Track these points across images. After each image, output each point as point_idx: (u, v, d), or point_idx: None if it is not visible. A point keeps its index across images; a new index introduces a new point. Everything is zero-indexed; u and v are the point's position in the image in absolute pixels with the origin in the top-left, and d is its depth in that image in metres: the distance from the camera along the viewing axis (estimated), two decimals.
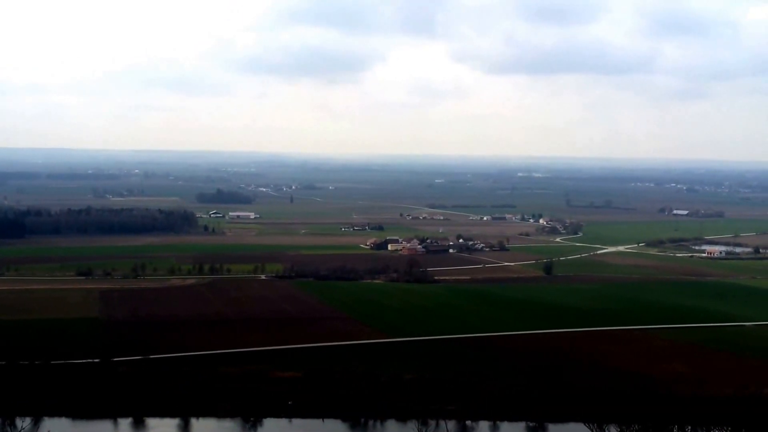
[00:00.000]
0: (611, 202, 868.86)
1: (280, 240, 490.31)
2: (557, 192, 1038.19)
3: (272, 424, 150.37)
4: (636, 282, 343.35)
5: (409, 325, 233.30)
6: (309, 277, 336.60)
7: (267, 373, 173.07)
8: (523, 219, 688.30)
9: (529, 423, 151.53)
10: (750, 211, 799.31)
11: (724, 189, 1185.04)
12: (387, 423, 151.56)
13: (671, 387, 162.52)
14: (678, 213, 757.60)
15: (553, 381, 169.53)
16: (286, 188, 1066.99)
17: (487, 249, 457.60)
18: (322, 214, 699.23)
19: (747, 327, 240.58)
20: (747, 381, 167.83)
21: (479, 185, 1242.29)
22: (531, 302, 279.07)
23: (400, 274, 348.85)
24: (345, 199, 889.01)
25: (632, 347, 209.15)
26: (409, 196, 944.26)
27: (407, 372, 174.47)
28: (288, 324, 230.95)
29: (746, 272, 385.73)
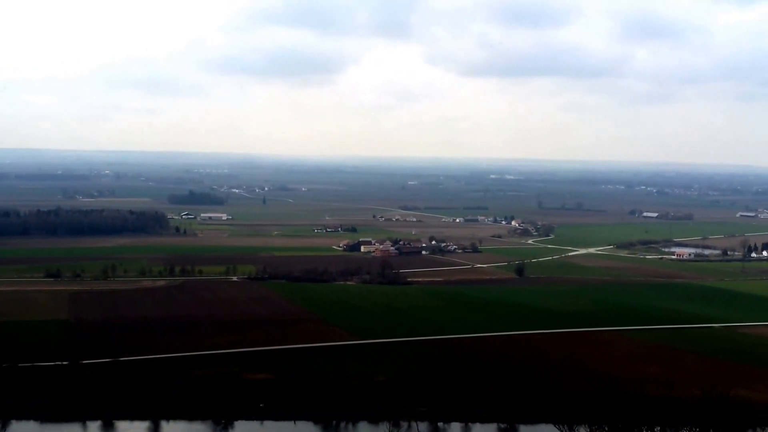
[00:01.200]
0: (582, 204, 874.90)
1: (253, 241, 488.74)
2: (529, 194, 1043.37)
3: (244, 427, 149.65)
4: (607, 284, 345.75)
5: (381, 326, 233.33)
6: (281, 279, 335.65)
7: (238, 376, 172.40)
8: (495, 221, 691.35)
9: (501, 424, 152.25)
10: (718, 213, 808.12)
11: (694, 192, 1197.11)
12: (359, 425, 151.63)
13: (641, 388, 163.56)
14: (648, 215, 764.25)
15: (525, 382, 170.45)
16: (258, 189, 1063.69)
17: (460, 251, 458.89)
18: (295, 216, 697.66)
19: (715, 328, 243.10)
20: (715, 382, 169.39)
21: (452, 187, 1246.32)
22: (503, 304, 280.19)
23: (373, 275, 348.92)
24: (318, 201, 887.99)
25: (603, 349, 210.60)
26: (382, 197, 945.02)
27: (379, 374, 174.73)
28: (260, 326, 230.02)
29: (714, 274, 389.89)
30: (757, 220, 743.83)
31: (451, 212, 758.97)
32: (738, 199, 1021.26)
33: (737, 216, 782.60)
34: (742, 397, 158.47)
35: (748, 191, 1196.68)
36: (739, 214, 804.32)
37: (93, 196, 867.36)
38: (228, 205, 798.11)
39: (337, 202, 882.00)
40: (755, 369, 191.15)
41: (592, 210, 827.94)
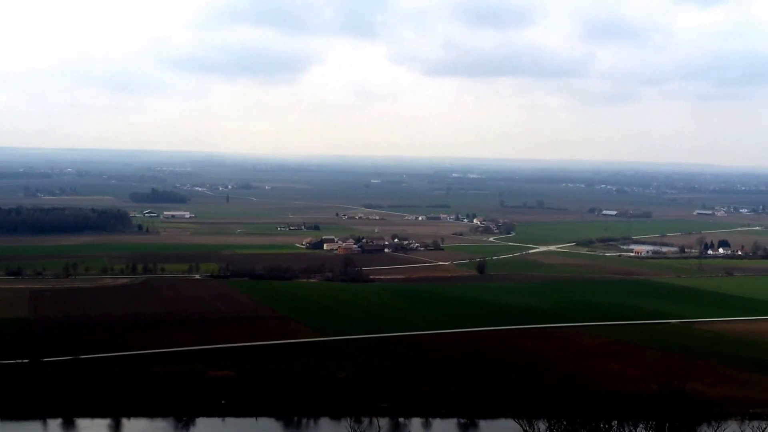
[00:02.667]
0: (543, 202, 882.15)
1: (216, 239, 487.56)
2: (491, 192, 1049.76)
3: (205, 424, 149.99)
4: (566, 280, 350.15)
5: (343, 323, 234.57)
6: (244, 277, 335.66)
7: (200, 373, 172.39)
8: (457, 219, 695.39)
9: (461, 419, 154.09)
10: (676, 211, 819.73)
11: (652, 190, 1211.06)
12: (320, 421, 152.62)
13: (600, 383, 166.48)
14: (607, 213, 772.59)
15: (485, 378, 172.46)
16: (222, 188, 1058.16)
17: (422, 248, 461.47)
18: (258, 214, 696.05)
19: (672, 324, 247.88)
20: (671, 376, 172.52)
21: (415, 185, 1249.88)
22: (464, 301, 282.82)
23: (336, 273, 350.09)
24: (281, 199, 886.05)
25: (562, 344, 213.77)
26: (346, 196, 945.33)
27: (341, 371, 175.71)
28: (222, 323, 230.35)
29: (672, 271, 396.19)
30: (713, 218, 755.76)
31: (414, 210, 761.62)
32: (695, 197, 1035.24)
33: (694, 214, 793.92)
34: (697, 391, 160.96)
35: (705, 190, 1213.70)
36: (696, 212, 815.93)
37: (55, 195, 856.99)
38: (191, 204, 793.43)
39: (300, 200, 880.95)
40: (710, 364, 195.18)
41: (553, 208, 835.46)
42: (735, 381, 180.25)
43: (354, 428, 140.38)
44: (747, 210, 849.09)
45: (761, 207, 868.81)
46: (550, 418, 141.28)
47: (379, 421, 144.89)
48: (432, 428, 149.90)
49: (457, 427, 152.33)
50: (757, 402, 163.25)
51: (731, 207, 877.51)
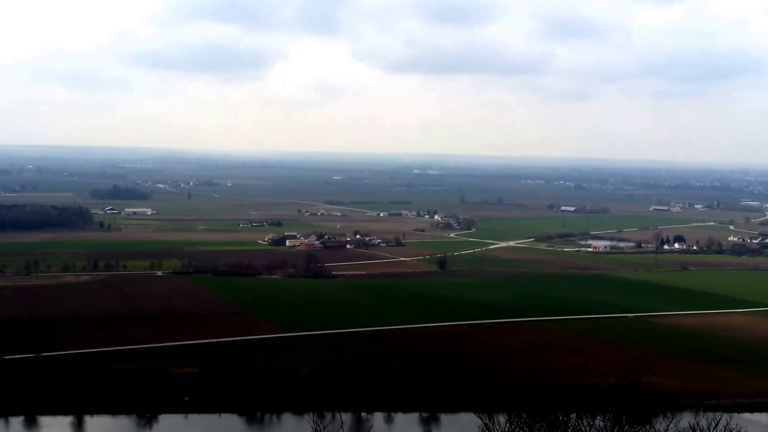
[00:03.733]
0: (503, 198, 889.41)
1: (178, 236, 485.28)
2: (452, 189, 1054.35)
3: (168, 420, 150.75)
4: (526, 276, 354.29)
5: (305, 319, 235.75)
6: (206, 273, 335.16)
7: (163, 370, 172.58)
8: (418, 215, 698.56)
9: (423, 414, 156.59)
10: (633, 207, 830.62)
11: (609, 186, 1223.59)
12: (283, 416, 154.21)
13: (559, 376, 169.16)
14: (566, 209, 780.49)
15: (446, 372, 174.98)
16: (184, 184, 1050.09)
17: (384, 244, 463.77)
18: (221, 211, 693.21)
19: (629, 318, 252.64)
20: (628, 369, 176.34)
21: (376, 182, 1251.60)
22: (425, 296, 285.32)
23: (298, 269, 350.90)
24: (243, 196, 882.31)
25: (522, 339, 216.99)
26: (308, 192, 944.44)
27: (304, 366, 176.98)
28: (185, 320, 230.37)
29: (629, 266, 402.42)
30: (669, 214, 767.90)
31: (376, 207, 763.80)
32: (651, 193, 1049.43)
33: (651, 210, 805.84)
34: (653, 384, 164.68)
35: (661, 186, 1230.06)
36: (652, 207, 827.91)
37: (15, 191, 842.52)
38: (153, 200, 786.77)
39: (262, 196, 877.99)
40: (666, 357, 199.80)
41: (513, 204, 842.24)
42: (690, 373, 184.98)
43: (317, 423, 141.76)
44: (702, 206, 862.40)
45: (715, 203, 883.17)
46: (510, 411, 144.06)
47: (341, 416, 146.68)
48: (394, 422, 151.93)
49: (419, 421, 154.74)
50: (711, 394, 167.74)
51: (686, 203, 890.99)
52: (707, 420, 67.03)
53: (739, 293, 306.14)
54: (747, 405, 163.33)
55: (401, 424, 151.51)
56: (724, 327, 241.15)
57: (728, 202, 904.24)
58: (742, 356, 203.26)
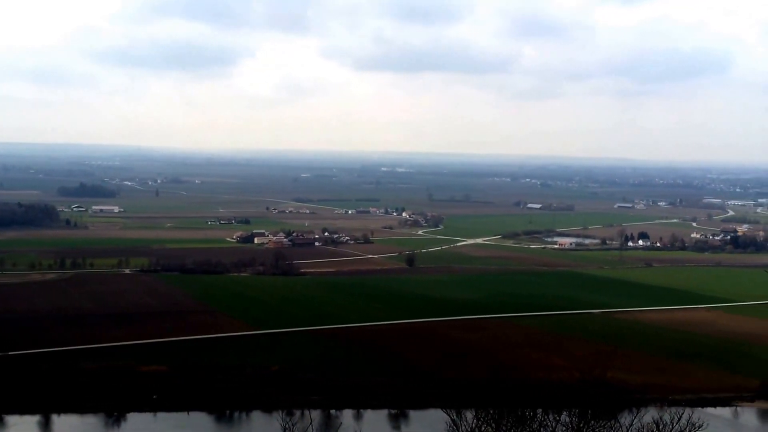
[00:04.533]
0: (470, 196, 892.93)
1: (145, 234, 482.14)
2: (420, 186, 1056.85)
3: (137, 419, 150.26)
4: (493, 272, 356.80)
5: (274, 317, 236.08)
6: (174, 271, 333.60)
7: (131, 368, 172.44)
8: (386, 212, 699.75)
9: (391, 410, 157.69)
10: (597, 204, 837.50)
11: (575, 184, 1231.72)
12: (252, 414, 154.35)
13: (526, 372, 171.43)
14: (532, 206, 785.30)
15: (415, 369, 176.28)
16: (151, 182, 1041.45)
17: (352, 242, 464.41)
18: (188, 208, 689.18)
19: (594, 314, 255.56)
20: (593, 365, 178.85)
21: (345, 179, 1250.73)
22: (394, 293, 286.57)
23: (267, 267, 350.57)
24: (211, 193, 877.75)
25: (489, 335, 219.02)
26: (276, 190, 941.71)
27: (273, 364, 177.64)
28: (153, 318, 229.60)
29: (594, 262, 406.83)
30: (633, 211, 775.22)
31: (344, 204, 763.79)
32: (616, 190, 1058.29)
33: (615, 207, 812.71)
34: (618, 379, 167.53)
35: (625, 183, 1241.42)
36: (616, 205, 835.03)
37: None
38: (120, 198, 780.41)
39: (230, 194, 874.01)
40: (630, 352, 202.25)
41: (480, 201, 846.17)
42: (654, 368, 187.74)
43: (285, 421, 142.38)
44: (665, 203, 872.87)
45: (678, 200, 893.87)
46: (477, 407, 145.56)
47: (311, 413, 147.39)
48: (363, 420, 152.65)
49: (388, 418, 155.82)
50: (675, 389, 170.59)
51: (650, 200, 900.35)
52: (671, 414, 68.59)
53: (702, 289, 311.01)
54: (710, 399, 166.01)
55: (370, 421, 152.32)
56: (687, 322, 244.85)
57: (691, 199, 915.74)
58: (706, 351, 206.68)
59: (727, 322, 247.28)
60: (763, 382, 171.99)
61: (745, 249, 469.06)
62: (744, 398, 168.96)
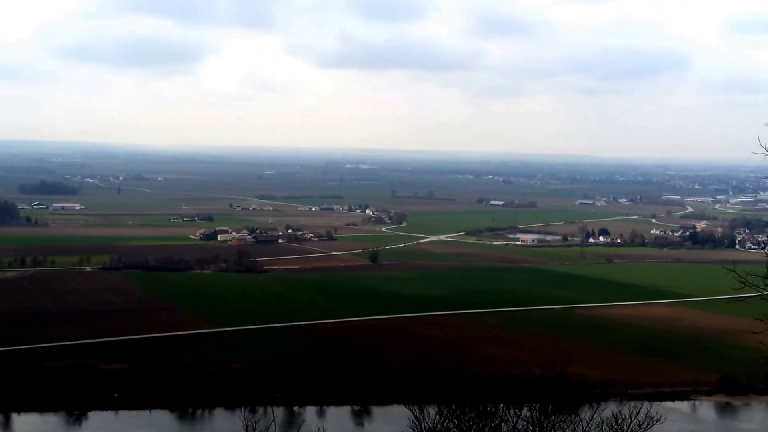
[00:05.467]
0: (434, 193, 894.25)
1: (107, 231, 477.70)
2: (383, 183, 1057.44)
3: (98, 417, 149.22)
4: (456, 269, 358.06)
5: (238, 314, 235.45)
6: (137, 269, 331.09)
7: (93, 366, 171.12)
8: (350, 209, 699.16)
9: (354, 407, 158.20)
10: (559, 201, 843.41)
11: (537, 181, 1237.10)
12: (215, 412, 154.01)
13: (488, 368, 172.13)
14: (495, 203, 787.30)
15: (377, 366, 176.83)
16: (113, 179, 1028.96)
17: (316, 239, 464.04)
18: (151, 206, 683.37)
19: (555, 309, 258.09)
20: (554, 360, 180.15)
21: (308, 176, 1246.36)
22: (358, 290, 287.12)
23: (230, 264, 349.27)
24: (174, 191, 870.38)
25: (452, 331, 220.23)
26: (239, 187, 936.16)
27: (235, 361, 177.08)
28: (115, 316, 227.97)
29: (555, 258, 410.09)
30: (594, 208, 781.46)
31: (308, 201, 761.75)
32: (577, 187, 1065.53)
33: (576, 203, 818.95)
34: (579, 374, 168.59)
35: (586, 180, 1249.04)
36: (578, 201, 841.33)
37: None
38: (82, 195, 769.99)
39: (193, 191, 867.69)
40: (590, 347, 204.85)
41: (443, 198, 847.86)
42: (614, 363, 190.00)
43: (248, 418, 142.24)
44: (625, 200, 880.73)
45: (638, 197, 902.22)
46: (440, 403, 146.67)
47: (273, 410, 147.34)
48: (326, 416, 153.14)
49: (351, 414, 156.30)
50: (635, 383, 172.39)
51: (611, 197, 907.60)
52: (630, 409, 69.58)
53: (661, 285, 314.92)
54: (669, 394, 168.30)
55: (333, 417, 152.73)
56: (647, 318, 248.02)
57: (651, 196, 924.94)
58: (665, 346, 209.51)
59: (685, 317, 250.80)
60: (721, 376, 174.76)
61: (703, 245, 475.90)
62: (702, 392, 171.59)
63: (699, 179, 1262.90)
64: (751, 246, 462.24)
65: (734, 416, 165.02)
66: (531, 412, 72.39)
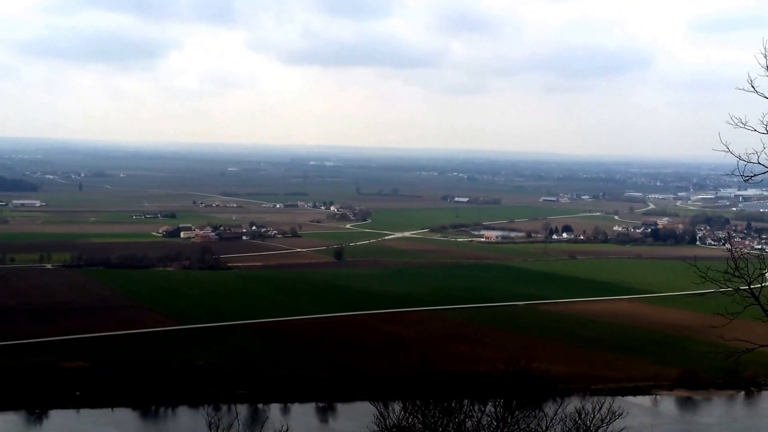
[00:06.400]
0: (398, 189, 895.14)
1: (68, 228, 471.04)
2: (348, 180, 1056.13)
3: (59, 416, 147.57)
4: (420, 265, 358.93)
5: (201, 311, 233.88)
6: (98, 266, 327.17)
7: (54, 365, 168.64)
8: (314, 206, 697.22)
9: (319, 404, 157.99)
10: (523, 198, 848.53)
11: (501, 178, 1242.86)
12: (178, 410, 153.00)
13: (452, 364, 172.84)
14: (459, 200, 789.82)
15: (342, 363, 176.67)
16: (74, 176, 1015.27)
17: (280, 236, 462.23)
18: (113, 202, 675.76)
19: (519, 306, 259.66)
20: (518, 356, 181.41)
21: (273, 173, 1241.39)
22: (321, 287, 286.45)
23: (193, 261, 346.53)
24: (137, 187, 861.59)
25: (416, 328, 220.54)
26: (203, 184, 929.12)
27: (199, 358, 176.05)
28: (76, 313, 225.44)
29: (519, 255, 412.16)
30: (558, 204, 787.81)
31: (272, 198, 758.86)
32: (541, 184, 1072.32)
33: (540, 200, 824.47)
34: (543, 370, 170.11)
35: (550, 177, 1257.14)
36: (542, 198, 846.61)
37: None
38: (42, 192, 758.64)
39: (156, 188, 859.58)
40: (553, 343, 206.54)
41: (408, 195, 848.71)
42: (577, 359, 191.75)
43: (212, 416, 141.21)
44: (588, 196, 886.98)
45: (601, 194, 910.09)
46: (404, 399, 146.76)
47: (237, 407, 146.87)
48: (290, 413, 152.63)
49: (315, 411, 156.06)
50: (597, 378, 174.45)
51: (574, 194, 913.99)
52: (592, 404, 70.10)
53: (623, 281, 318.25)
54: (631, 389, 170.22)
55: (298, 414, 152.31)
56: (609, 313, 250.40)
57: (613, 192, 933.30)
58: (627, 341, 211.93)
59: (647, 313, 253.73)
60: (682, 371, 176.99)
61: (665, 241, 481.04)
62: (663, 387, 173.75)
63: (661, 176, 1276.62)
64: (712, 242, 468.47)
65: (695, 410, 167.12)
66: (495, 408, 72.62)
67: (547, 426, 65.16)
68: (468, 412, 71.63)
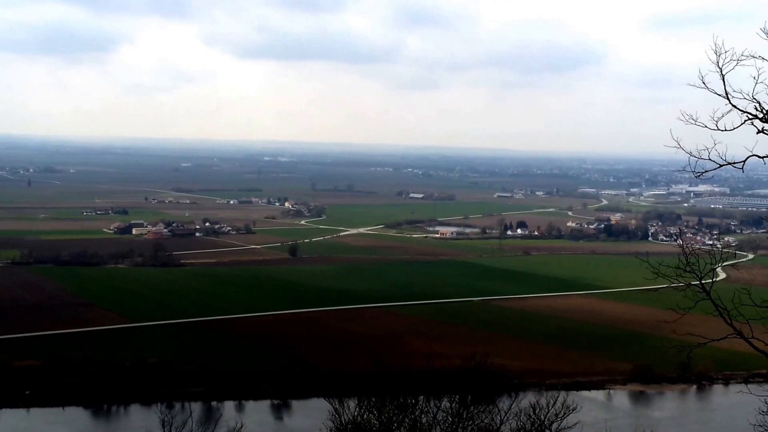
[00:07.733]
0: (353, 185, 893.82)
1: (17, 225, 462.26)
2: (302, 176, 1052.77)
3: (9, 415, 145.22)
4: (375, 262, 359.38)
5: (153, 309, 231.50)
6: (48, 263, 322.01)
7: (3, 363, 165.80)
8: (269, 202, 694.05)
9: (274, 401, 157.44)
10: (478, 194, 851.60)
11: (456, 174, 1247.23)
12: (131, 408, 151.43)
13: (407, 360, 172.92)
14: (414, 196, 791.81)
15: (297, 359, 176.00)
16: (23, 171, 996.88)
17: (234, 232, 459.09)
18: (63, 198, 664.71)
19: (474, 301, 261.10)
20: (474, 351, 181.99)
21: (226, 169, 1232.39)
22: (275, 283, 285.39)
23: (145, 258, 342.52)
24: (87, 183, 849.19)
25: (371, 325, 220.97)
26: (155, 179, 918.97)
27: (151, 356, 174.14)
28: (25, 311, 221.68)
29: (474, 251, 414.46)
30: (512, 200, 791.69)
31: (225, 194, 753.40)
32: (496, 180, 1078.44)
33: (495, 197, 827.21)
34: (498, 365, 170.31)
35: (504, 173, 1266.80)
36: (496, 194, 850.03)
37: None
38: None
39: (107, 184, 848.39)
40: (508, 338, 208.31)
41: (363, 191, 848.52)
42: (531, 354, 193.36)
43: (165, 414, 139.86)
44: (542, 193, 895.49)
45: (555, 189, 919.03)
46: (359, 396, 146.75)
47: (191, 405, 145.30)
48: (245, 410, 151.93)
49: (270, 408, 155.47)
50: (552, 373, 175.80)
51: (528, 190, 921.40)
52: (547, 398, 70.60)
53: (577, 276, 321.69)
54: (585, 383, 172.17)
55: (252, 411, 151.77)
56: (563, 309, 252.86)
57: (567, 188, 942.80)
58: (581, 336, 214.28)
59: (601, 308, 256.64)
60: (635, 365, 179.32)
61: (618, 237, 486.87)
62: (617, 381, 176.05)
63: (614, 172, 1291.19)
64: (664, 238, 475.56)
65: (648, 404, 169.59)
66: (450, 403, 72.79)
67: (501, 421, 65.47)
68: (423, 408, 71.69)
